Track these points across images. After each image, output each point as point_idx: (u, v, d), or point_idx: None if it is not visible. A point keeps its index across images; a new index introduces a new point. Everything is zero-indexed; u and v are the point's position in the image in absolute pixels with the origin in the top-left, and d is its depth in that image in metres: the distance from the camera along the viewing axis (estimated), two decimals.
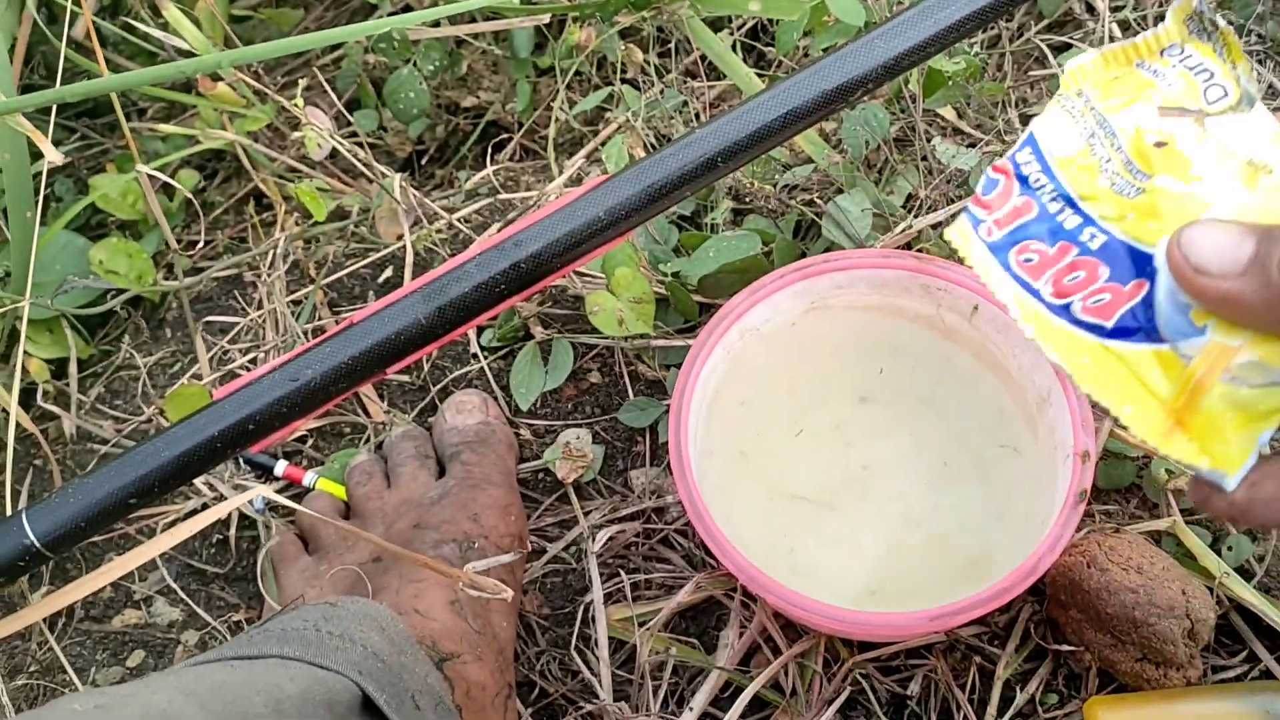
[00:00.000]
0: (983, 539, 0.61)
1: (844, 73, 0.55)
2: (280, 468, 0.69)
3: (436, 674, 0.53)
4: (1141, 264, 0.36)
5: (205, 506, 0.69)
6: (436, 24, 0.88)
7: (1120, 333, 0.37)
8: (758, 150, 0.56)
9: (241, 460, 0.70)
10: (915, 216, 0.67)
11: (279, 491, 0.70)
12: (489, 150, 0.89)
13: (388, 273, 0.78)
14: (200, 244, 0.85)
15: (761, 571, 0.54)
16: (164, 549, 0.48)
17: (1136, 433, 0.36)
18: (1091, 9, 0.78)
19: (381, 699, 0.47)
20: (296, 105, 0.76)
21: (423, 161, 0.93)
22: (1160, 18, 0.74)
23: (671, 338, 0.70)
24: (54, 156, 0.55)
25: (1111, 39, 0.72)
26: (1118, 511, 0.61)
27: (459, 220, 0.77)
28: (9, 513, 0.68)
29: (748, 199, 0.74)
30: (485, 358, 0.72)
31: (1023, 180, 0.39)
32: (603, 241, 0.56)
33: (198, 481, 0.70)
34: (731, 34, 0.84)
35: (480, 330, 0.73)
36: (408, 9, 0.95)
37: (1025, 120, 0.72)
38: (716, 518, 0.56)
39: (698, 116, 0.80)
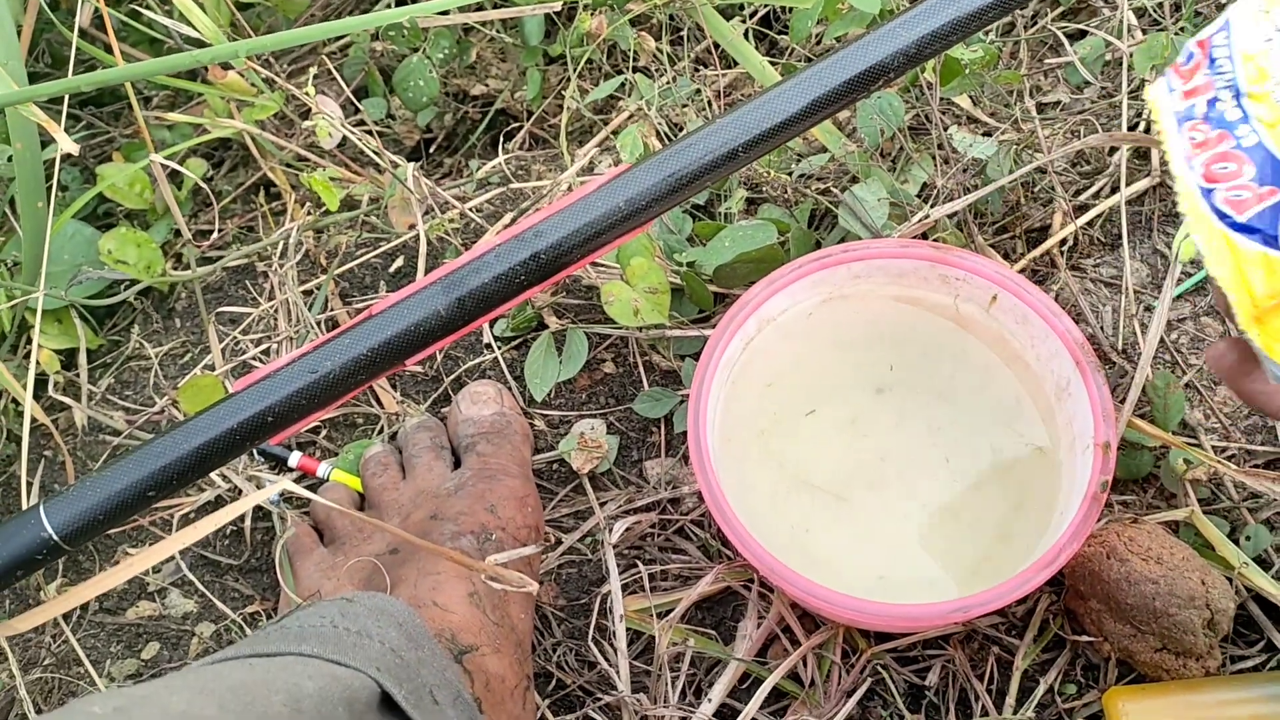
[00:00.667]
0: (1001, 530, 0.61)
1: (867, 60, 0.55)
2: (294, 459, 0.69)
3: (455, 667, 0.53)
4: (1278, 173, 0.40)
5: (219, 498, 0.69)
6: (446, 11, 0.87)
7: (1244, 229, 0.40)
8: (780, 139, 0.56)
9: (255, 451, 0.69)
10: (931, 206, 0.66)
11: (293, 482, 0.70)
12: (498, 139, 0.89)
13: (399, 262, 0.78)
14: (210, 234, 0.85)
15: (780, 562, 0.54)
16: (184, 545, 0.48)
17: (1238, 318, 0.41)
18: None
19: (400, 695, 0.47)
20: (308, 94, 0.75)
21: (431, 150, 0.93)
22: (1176, 6, 0.74)
23: (686, 328, 0.70)
24: (69, 146, 0.54)
25: (1129, 28, 0.72)
26: (1135, 501, 0.61)
27: (471, 210, 0.77)
28: (24, 505, 0.67)
29: (762, 188, 0.74)
30: (499, 348, 0.72)
31: (1212, 61, 0.42)
32: (623, 232, 0.56)
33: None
34: (743, 21, 0.83)
35: (493, 321, 0.73)
36: None
37: (1041, 109, 0.72)
38: (733, 508, 0.56)
39: (710, 105, 0.80)
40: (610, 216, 0.55)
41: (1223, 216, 0.41)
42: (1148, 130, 0.68)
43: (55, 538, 0.53)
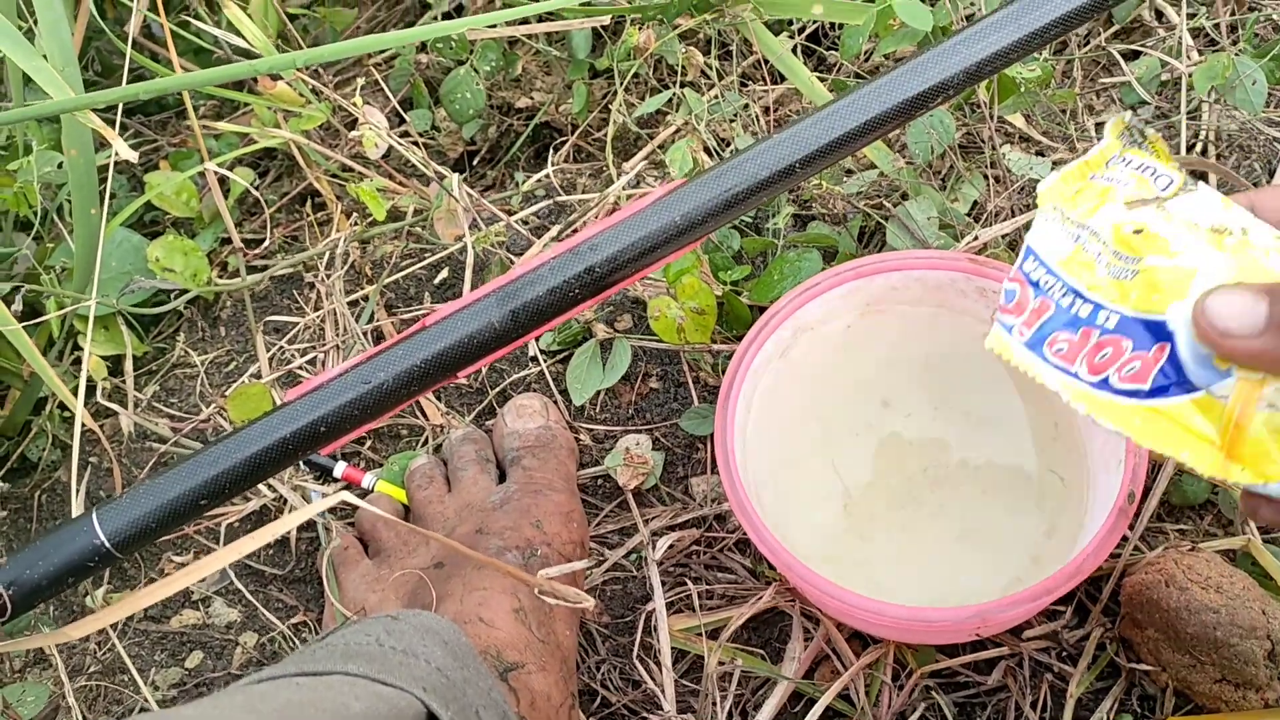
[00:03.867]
0: (1033, 553, 0.60)
1: (926, 79, 0.54)
2: (340, 469, 0.69)
3: (500, 686, 0.53)
4: (1157, 331, 0.41)
5: (264, 508, 0.69)
6: (493, 25, 0.87)
7: (1157, 392, 0.41)
8: (836, 156, 0.56)
9: (302, 461, 0.69)
10: (982, 226, 0.66)
11: (338, 492, 0.69)
12: (542, 152, 0.89)
13: (444, 274, 0.78)
14: (258, 242, 0.85)
15: (800, 562, 0.53)
16: (233, 560, 0.48)
17: (1199, 471, 0.40)
18: (1161, 15, 0.77)
19: (446, 716, 0.47)
20: (355, 104, 0.76)
21: (474, 161, 0.93)
22: (1232, 27, 0.73)
23: (732, 343, 0.70)
24: (127, 153, 0.55)
25: (1185, 48, 0.71)
26: (1192, 530, 0.60)
27: (517, 222, 0.77)
28: (71, 512, 0.68)
29: (811, 204, 0.74)
30: (544, 361, 0.72)
31: (1035, 285, 0.45)
32: (677, 247, 0.56)
33: None
34: (792, 37, 0.83)
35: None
36: (460, 8, 0.95)
37: (1099, 128, 0.71)
38: (769, 521, 0.55)
39: (757, 120, 0.80)
40: (665, 232, 0.55)
41: (1132, 394, 0.41)
42: (1204, 153, 0.67)
43: (108, 545, 0.53)
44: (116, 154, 0.55)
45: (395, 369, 0.55)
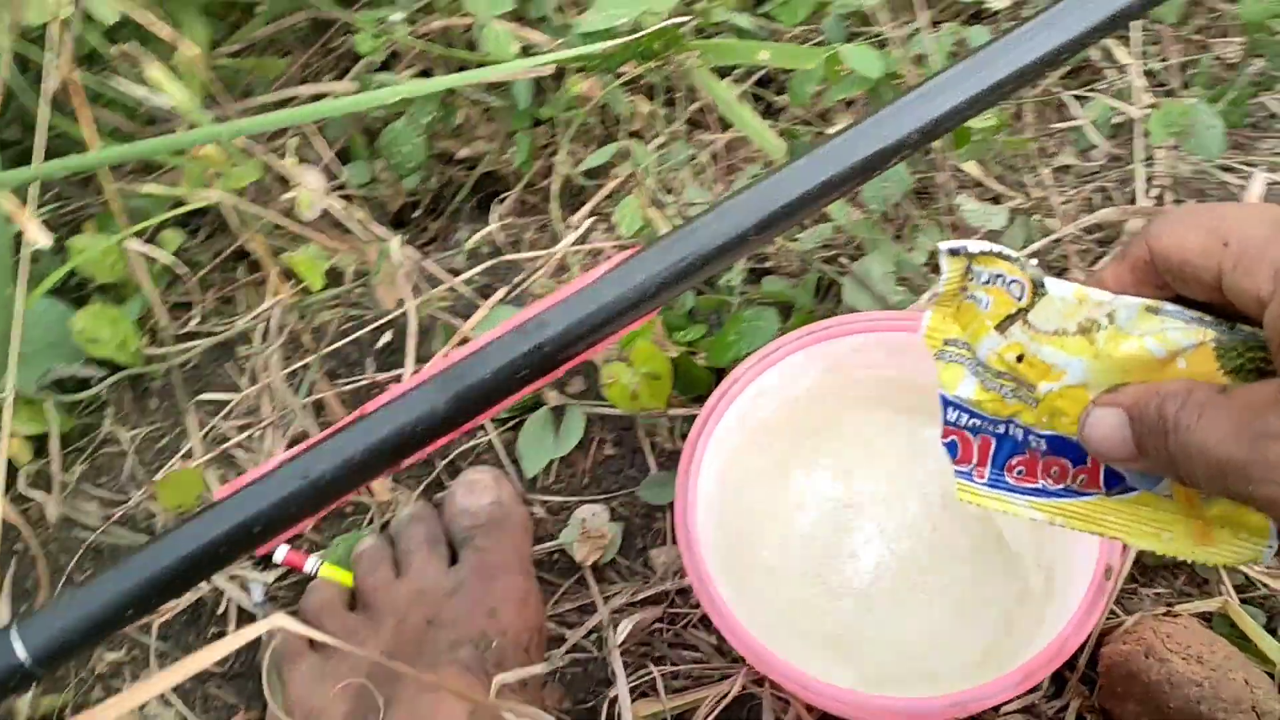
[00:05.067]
0: (1005, 621, 0.58)
1: (886, 136, 0.52)
2: (281, 553, 0.65)
3: None
4: (1082, 447, 0.39)
5: (200, 600, 0.65)
6: (428, 73, 0.84)
7: (1114, 490, 0.40)
8: (796, 219, 0.53)
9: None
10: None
11: (277, 580, 0.66)
12: (485, 201, 0.86)
13: (387, 337, 0.75)
14: (187, 307, 0.81)
15: (771, 652, 0.51)
16: (179, 680, 0.44)
17: (1182, 555, 0.39)
18: (1110, 54, 0.76)
19: None
20: (288, 166, 0.72)
21: (415, 214, 0.90)
22: (1182, 67, 0.72)
23: (689, 406, 0.67)
24: (42, 240, 0.51)
25: (1137, 90, 0.70)
26: (1167, 591, 0.59)
27: (463, 283, 0.74)
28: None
29: (766, 259, 0.72)
30: (494, 430, 0.69)
31: (967, 429, 0.43)
32: (631, 320, 0.53)
33: None
34: (739, 82, 0.81)
35: None
36: (394, 56, 0.92)
37: (1058, 172, 0.70)
38: (733, 595, 0.53)
39: (706, 169, 0.77)
40: (619, 304, 0.52)
41: (1093, 495, 0.41)
42: (1160, 201, 0.66)
43: (28, 664, 0.49)
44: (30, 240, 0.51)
45: (334, 460, 0.52)
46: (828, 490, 0.63)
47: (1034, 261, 0.40)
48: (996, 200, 0.70)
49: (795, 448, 0.62)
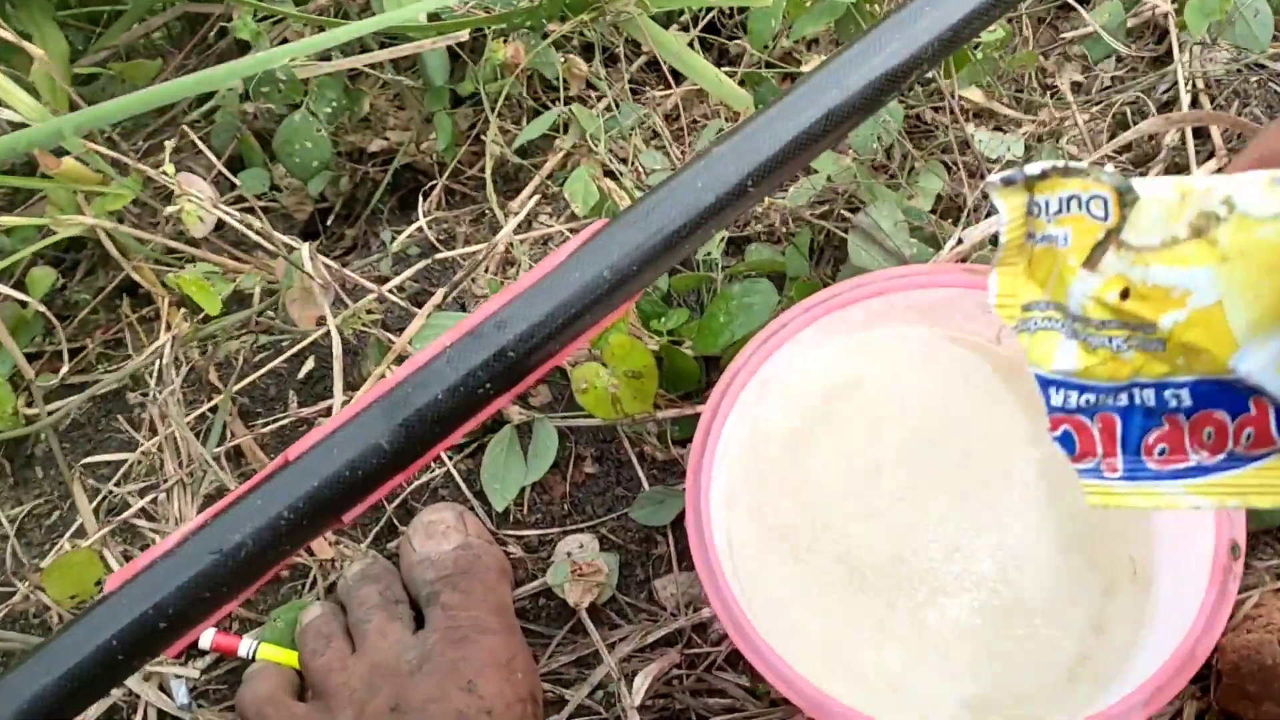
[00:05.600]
0: (1094, 621, 0.48)
1: (899, 51, 0.42)
2: (208, 637, 0.53)
3: None
4: (1237, 389, 0.31)
5: (114, 706, 0.53)
6: (327, 57, 0.73)
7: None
8: (796, 164, 0.43)
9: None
10: (963, 227, 0.54)
11: (206, 670, 0.54)
12: (409, 199, 0.75)
13: (309, 365, 0.63)
14: (74, 352, 0.69)
15: (822, 693, 0.41)
16: None
17: None
18: None
19: None
20: (167, 173, 0.60)
21: (328, 222, 0.78)
22: None
23: (680, 405, 0.57)
24: None
25: None
26: (1277, 564, 0.49)
27: (391, 291, 0.63)
28: None
29: (745, 226, 0.61)
30: (450, 459, 0.58)
31: (1083, 410, 0.34)
32: (610, 308, 0.43)
33: None
34: (685, 30, 0.71)
35: None
36: (285, 43, 0.80)
37: (1076, 89, 0.60)
38: (765, 628, 0.43)
39: (660, 130, 0.67)
40: (594, 290, 0.42)
41: (1262, 457, 0.32)
42: (1196, 104, 0.57)
43: None
44: None
45: (256, 523, 0.40)
46: (859, 491, 0.52)
47: (1108, 167, 0.30)
48: (1000, 129, 0.60)
49: (816, 446, 0.52)
